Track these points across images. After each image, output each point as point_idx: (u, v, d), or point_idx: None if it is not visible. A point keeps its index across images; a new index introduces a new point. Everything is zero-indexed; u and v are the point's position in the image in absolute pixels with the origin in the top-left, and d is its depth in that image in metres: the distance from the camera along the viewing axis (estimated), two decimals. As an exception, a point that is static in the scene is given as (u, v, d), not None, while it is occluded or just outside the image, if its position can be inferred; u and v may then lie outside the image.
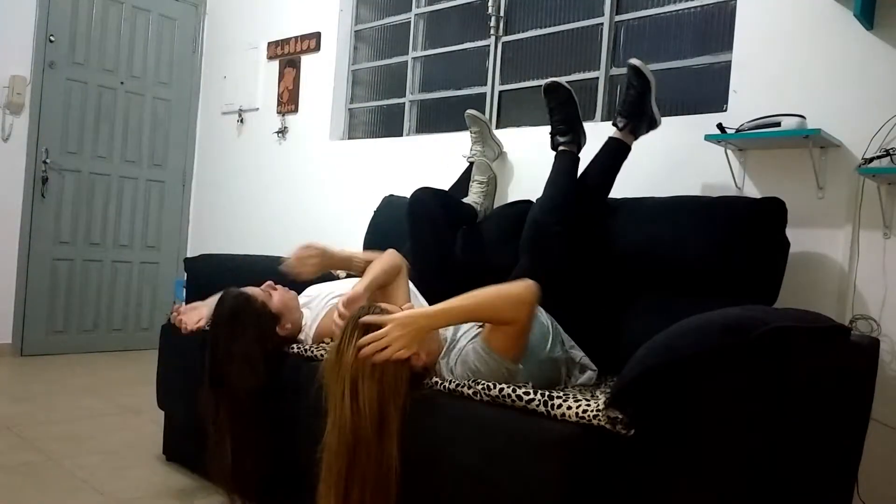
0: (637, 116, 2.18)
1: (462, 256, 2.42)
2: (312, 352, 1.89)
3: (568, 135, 2.25)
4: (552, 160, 2.27)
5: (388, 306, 1.62)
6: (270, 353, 1.93)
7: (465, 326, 1.72)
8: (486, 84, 3.16)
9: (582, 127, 2.29)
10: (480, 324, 1.73)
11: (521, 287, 1.51)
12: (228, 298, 1.95)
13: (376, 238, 2.93)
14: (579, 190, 2.19)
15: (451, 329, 1.71)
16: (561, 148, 2.26)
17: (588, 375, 1.83)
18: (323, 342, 1.98)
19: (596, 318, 2.04)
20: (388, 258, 1.95)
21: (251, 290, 1.98)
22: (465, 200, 2.61)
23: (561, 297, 1.99)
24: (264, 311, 1.94)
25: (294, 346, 1.97)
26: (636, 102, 2.17)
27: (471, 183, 2.68)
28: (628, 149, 2.20)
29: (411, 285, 2.24)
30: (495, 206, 2.71)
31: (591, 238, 2.13)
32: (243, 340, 1.88)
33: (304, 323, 2.05)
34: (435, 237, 2.35)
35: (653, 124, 2.23)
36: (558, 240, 2.07)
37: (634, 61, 2.16)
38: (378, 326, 1.48)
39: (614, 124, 2.20)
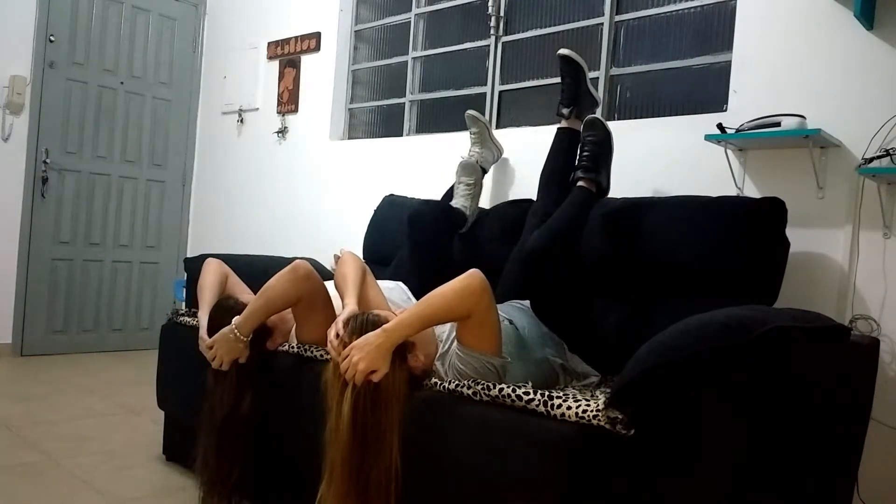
0: (578, 100, 2.30)
1: (462, 258, 2.42)
2: (312, 352, 1.88)
3: (591, 172, 2.18)
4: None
5: (382, 313, 1.61)
6: (259, 370, 1.92)
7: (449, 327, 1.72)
8: (486, 84, 3.16)
9: (608, 173, 2.22)
10: None
11: (466, 278, 1.50)
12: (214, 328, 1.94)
13: (376, 238, 2.94)
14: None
15: (446, 330, 1.71)
16: (580, 183, 2.18)
17: (590, 380, 1.83)
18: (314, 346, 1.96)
19: (595, 318, 2.04)
20: (351, 265, 1.86)
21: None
22: (452, 204, 2.61)
23: (557, 306, 1.98)
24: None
25: (293, 346, 1.96)
26: (573, 87, 2.30)
27: (457, 185, 2.65)
28: (579, 134, 2.28)
29: (401, 285, 2.24)
30: (495, 203, 2.70)
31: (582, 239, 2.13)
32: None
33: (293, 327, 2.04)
34: (435, 251, 2.41)
35: (594, 104, 2.36)
36: (556, 264, 2.01)
37: (563, 51, 2.29)
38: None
39: (559, 114, 2.32)
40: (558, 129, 2.32)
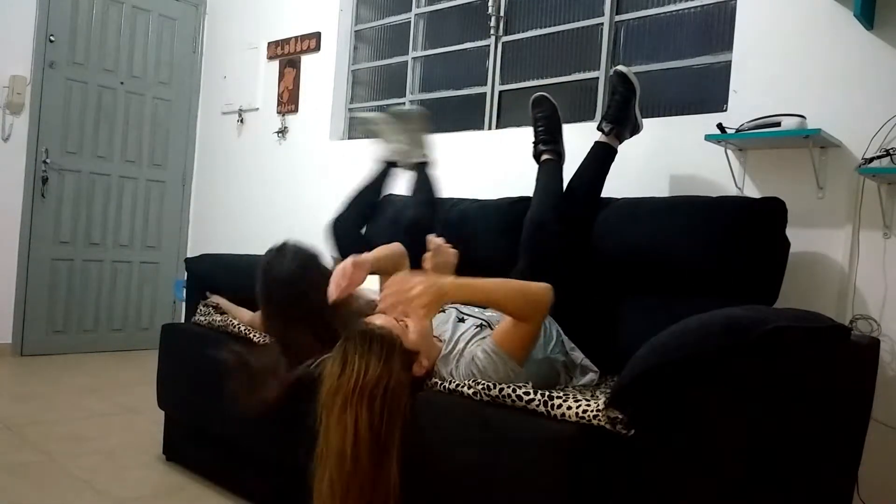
0: (622, 121, 2.21)
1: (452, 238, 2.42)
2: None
3: (550, 144, 2.31)
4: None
5: (388, 326, 1.57)
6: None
7: (463, 328, 1.72)
8: (486, 84, 3.16)
9: (563, 141, 2.35)
10: (479, 325, 1.74)
11: (543, 289, 1.54)
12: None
13: (374, 237, 2.93)
14: (570, 194, 2.22)
15: (448, 331, 1.71)
16: (544, 157, 2.30)
17: (589, 377, 1.83)
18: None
19: (595, 318, 2.04)
20: (394, 247, 1.99)
21: None
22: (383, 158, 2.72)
23: (560, 297, 1.99)
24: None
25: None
26: (621, 108, 2.20)
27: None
28: (615, 152, 2.23)
29: None
30: (496, 202, 2.69)
31: (586, 240, 2.14)
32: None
33: None
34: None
35: (636, 129, 2.28)
36: (557, 239, 2.09)
37: (621, 68, 2.21)
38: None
39: (600, 129, 2.23)
40: (596, 142, 2.25)
